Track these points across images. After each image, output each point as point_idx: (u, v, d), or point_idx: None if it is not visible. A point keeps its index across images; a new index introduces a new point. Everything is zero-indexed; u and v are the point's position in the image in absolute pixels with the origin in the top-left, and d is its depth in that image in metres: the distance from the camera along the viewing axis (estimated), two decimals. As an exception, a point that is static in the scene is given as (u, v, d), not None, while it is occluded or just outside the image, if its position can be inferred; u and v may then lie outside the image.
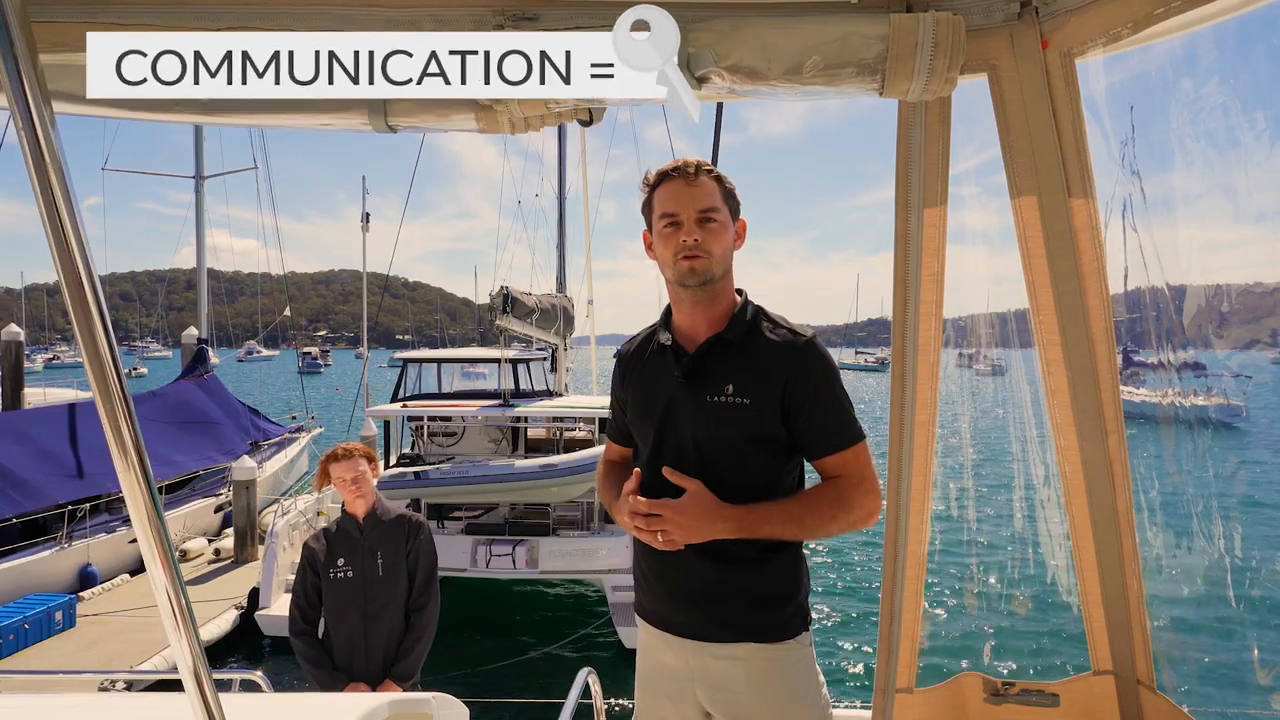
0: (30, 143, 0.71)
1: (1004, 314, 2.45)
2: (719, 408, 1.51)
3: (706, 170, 1.55)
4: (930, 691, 1.94)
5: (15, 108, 0.70)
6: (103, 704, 1.79)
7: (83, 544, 10.23)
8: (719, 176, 1.57)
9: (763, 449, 1.53)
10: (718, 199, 1.55)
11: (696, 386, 1.55)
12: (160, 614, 0.81)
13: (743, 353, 1.54)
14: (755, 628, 1.55)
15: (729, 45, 1.23)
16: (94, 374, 0.75)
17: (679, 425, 1.56)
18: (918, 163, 1.52)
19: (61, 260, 0.72)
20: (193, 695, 0.84)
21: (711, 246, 1.53)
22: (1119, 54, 1.32)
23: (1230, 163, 1.36)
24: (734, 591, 1.55)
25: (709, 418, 1.52)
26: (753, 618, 1.55)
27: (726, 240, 1.56)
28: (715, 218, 1.53)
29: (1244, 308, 2.06)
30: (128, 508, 0.79)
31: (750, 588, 1.55)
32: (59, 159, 0.72)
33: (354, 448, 2.96)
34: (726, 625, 1.56)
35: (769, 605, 1.56)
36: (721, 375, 1.53)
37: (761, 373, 1.51)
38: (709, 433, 1.53)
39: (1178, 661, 8.48)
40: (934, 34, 1.19)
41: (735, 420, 1.51)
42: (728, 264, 1.58)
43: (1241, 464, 20.80)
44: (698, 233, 1.52)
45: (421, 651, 2.92)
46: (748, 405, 1.50)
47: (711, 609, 1.57)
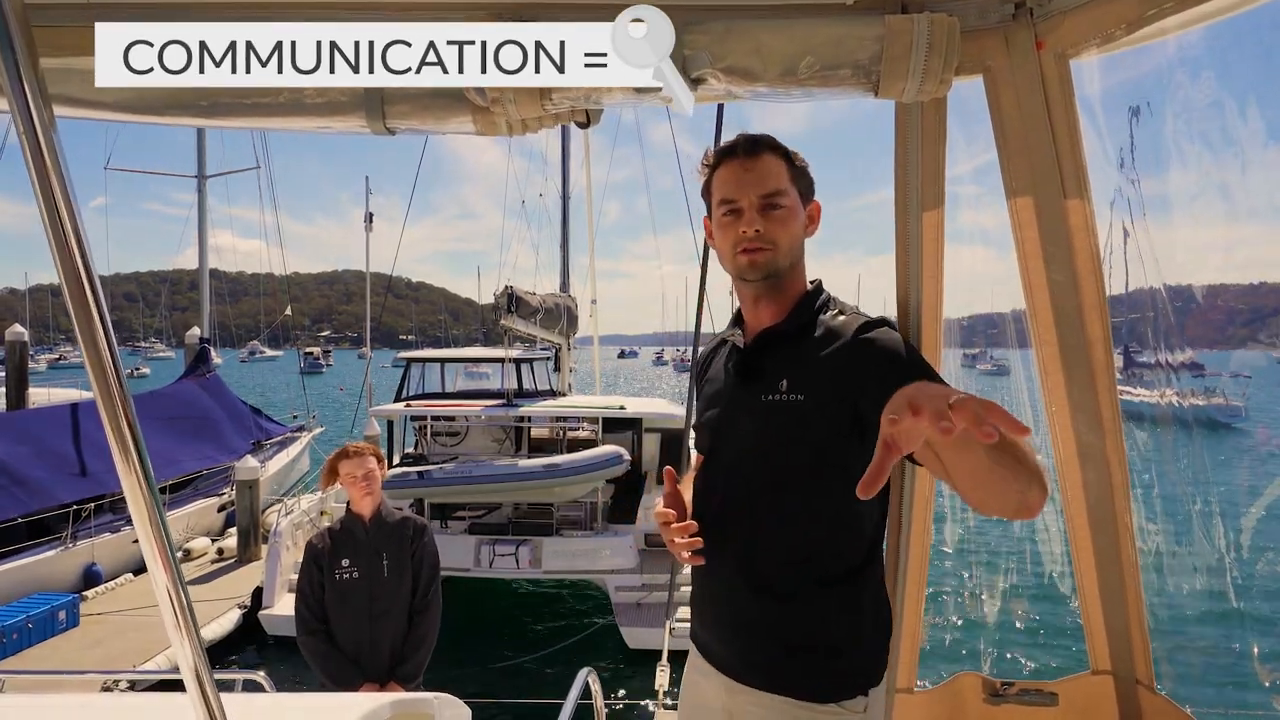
0: (31, 145, 0.72)
1: (1005, 314, 2.45)
2: (769, 407, 1.31)
3: (770, 146, 1.35)
4: (930, 692, 1.95)
5: (16, 110, 0.71)
6: (106, 704, 1.79)
7: (87, 543, 10.26)
8: (787, 153, 1.37)
9: (819, 468, 1.28)
10: (784, 179, 1.35)
11: (752, 385, 1.36)
12: (161, 614, 0.82)
13: (798, 345, 1.33)
14: (786, 679, 1.30)
15: (724, 47, 1.24)
16: (95, 375, 0.76)
17: (735, 428, 1.39)
18: (915, 164, 1.52)
19: (62, 262, 0.73)
20: (194, 695, 0.85)
21: (777, 236, 1.33)
22: (1114, 55, 1.32)
23: (1224, 162, 1.36)
24: (766, 630, 1.32)
25: (760, 419, 1.32)
26: (784, 666, 1.31)
27: (795, 227, 1.36)
28: (781, 202, 1.34)
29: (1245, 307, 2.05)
30: (129, 508, 0.79)
31: (787, 629, 1.31)
32: (60, 161, 0.73)
33: (363, 447, 2.98)
34: (757, 669, 1.34)
35: (809, 654, 1.30)
36: (774, 371, 1.33)
37: (818, 364, 1.29)
38: (759, 438, 1.33)
39: (1177, 661, 8.47)
40: (929, 35, 1.20)
41: (788, 421, 1.29)
42: (796, 254, 1.38)
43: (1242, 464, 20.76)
44: (760, 222, 1.33)
45: (425, 654, 2.93)
46: (802, 402, 1.28)
47: (745, 646, 1.36)
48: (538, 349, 14.56)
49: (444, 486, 10.35)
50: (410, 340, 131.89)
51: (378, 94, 1.33)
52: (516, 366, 12.94)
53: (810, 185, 1.41)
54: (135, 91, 1.34)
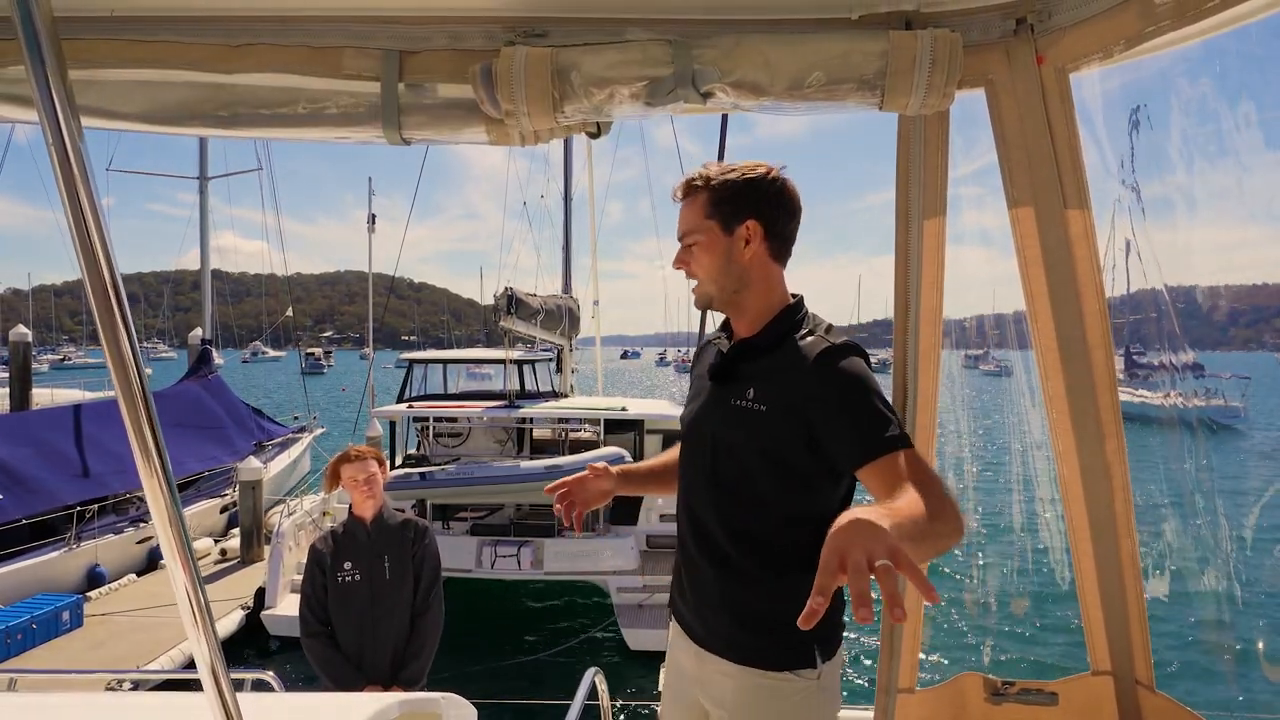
0: (59, 155, 0.73)
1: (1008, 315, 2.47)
2: (736, 411, 1.44)
3: (694, 186, 1.48)
4: (931, 691, 1.97)
5: (46, 122, 0.73)
6: (110, 703, 1.81)
7: (91, 544, 10.27)
8: (710, 185, 1.46)
9: (775, 470, 1.41)
10: (698, 217, 1.47)
11: (723, 388, 1.49)
12: (180, 612, 0.84)
13: (768, 359, 1.45)
14: (740, 648, 1.47)
15: (732, 61, 1.27)
16: (117, 375, 0.77)
17: (704, 425, 1.53)
18: (917, 174, 1.55)
19: (88, 268, 0.75)
20: (210, 693, 0.86)
21: (695, 270, 1.49)
22: (1115, 67, 1.35)
23: (1221, 171, 1.39)
24: (725, 604, 1.49)
25: (727, 420, 1.46)
26: (738, 638, 1.48)
27: (709, 259, 1.47)
28: (691, 240, 1.48)
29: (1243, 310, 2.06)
30: (149, 506, 0.81)
31: (739, 605, 1.47)
32: (87, 171, 0.75)
33: (365, 450, 3.00)
34: (718, 639, 1.51)
35: (764, 628, 1.45)
36: (745, 379, 1.46)
37: (780, 379, 1.41)
38: (724, 436, 1.47)
39: (1177, 662, 8.48)
40: (932, 50, 1.23)
41: (749, 426, 1.42)
42: (731, 278, 1.48)
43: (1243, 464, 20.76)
44: (681, 259, 1.50)
45: (427, 657, 2.95)
46: (763, 412, 1.40)
47: (709, 617, 1.53)
48: (539, 350, 14.58)
49: (446, 487, 10.36)
50: (412, 341, 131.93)
51: (395, 105, 1.36)
52: (518, 368, 12.96)
53: (740, 205, 1.45)
54: (157, 103, 1.37)
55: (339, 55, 1.36)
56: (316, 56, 1.37)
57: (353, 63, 1.36)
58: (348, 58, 1.36)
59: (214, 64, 1.35)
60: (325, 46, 1.37)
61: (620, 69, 1.29)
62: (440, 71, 1.37)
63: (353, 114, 1.39)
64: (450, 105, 1.39)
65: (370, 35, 1.38)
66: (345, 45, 1.37)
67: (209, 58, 1.35)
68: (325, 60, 1.37)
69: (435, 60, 1.38)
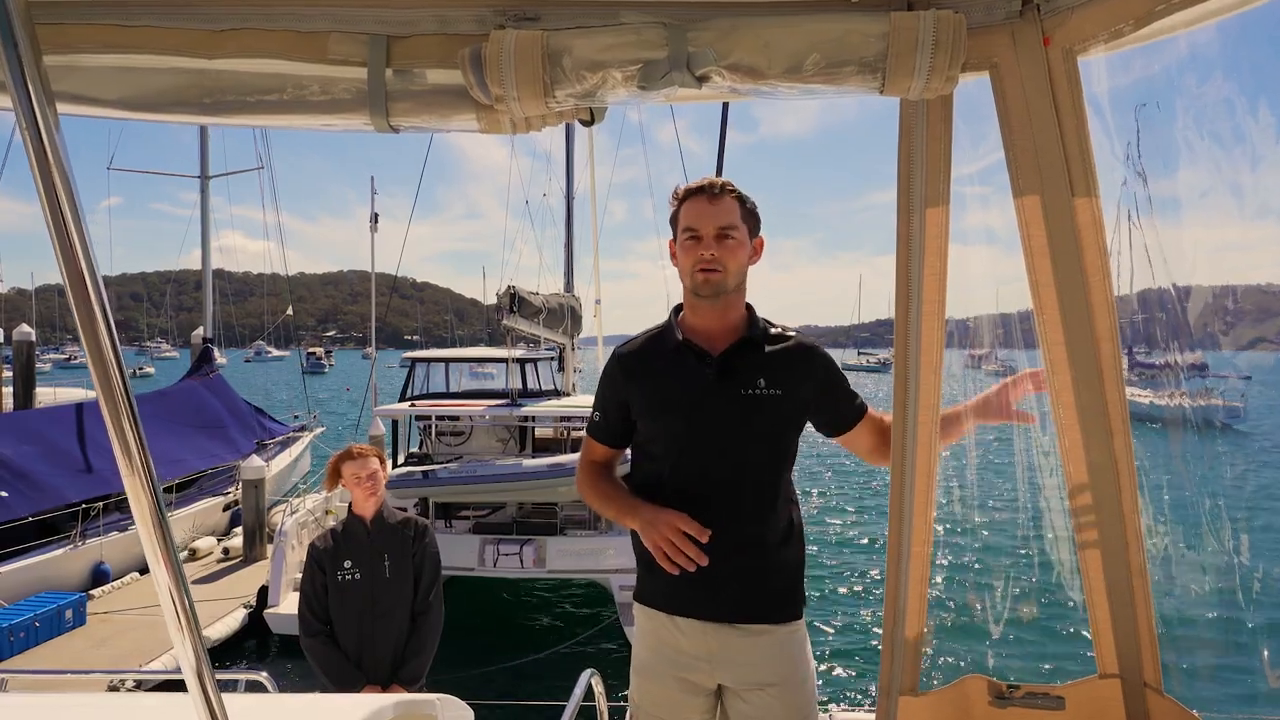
0: (34, 144, 0.71)
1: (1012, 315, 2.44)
2: (753, 400, 1.70)
3: (730, 190, 1.70)
4: (934, 694, 1.93)
5: (20, 108, 0.70)
6: (111, 703, 1.80)
7: (95, 542, 10.30)
8: (741, 196, 1.72)
9: (790, 430, 1.77)
10: (737, 217, 1.70)
11: (728, 383, 1.71)
12: (164, 614, 0.82)
13: (765, 352, 1.75)
14: (776, 609, 1.75)
15: (728, 44, 1.23)
16: (97, 374, 0.75)
17: (713, 418, 1.71)
18: (920, 161, 1.51)
19: (65, 261, 0.73)
20: (195, 696, 0.84)
21: (727, 261, 1.68)
22: (1123, 51, 1.31)
23: (1236, 160, 1.35)
24: (763, 575, 1.73)
25: (744, 409, 1.70)
26: (775, 601, 1.75)
27: (742, 256, 1.72)
28: (733, 235, 1.68)
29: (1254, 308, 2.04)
30: (131, 507, 0.79)
31: (773, 572, 1.74)
32: (63, 160, 0.73)
33: (366, 449, 3.00)
34: (745, 608, 1.73)
35: (785, 590, 1.77)
36: (751, 371, 1.72)
37: (788, 369, 1.74)
38: (745, 421, 1.70)
39: (1186, 665, 8.42)
40: (934, 32, 1.19)
41: (770, 409, 1.71)
42: (741, 278, 1.74)
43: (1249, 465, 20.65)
44: (715, 248, 1.67)
45: (427, 656, 2.93)
46: (780, 395, 1.71)
47: (741, 592, 1.72)
48: (542, 349, 14.57)
49: (448, 486, 10.35)
50: (415, 340, 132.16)
51: (381, 91, 1.32)
52: (521, 366, 12.95)
53: (757, 224, 1.77)
54: (138, 89, 1.34)
55: (324, 40, 1.33)
56: (301, 41, 1.33)
57: (338, 48, 1.32)
58: (333, 43, 1.32)
59: (196, 49, 1.31)
60: (310, 31, 1.33)
61: (613, 52, 1.25)
62: (429, 56, 1.33)
63: (339, 100, 1.35)
64: (439, 91, 1.35)
65: (356, 20, 1.34)
66: (331, 30, 1.33)
67: (191, 43, 1.32)
68: (310, 45, 1.33)
69: (423, 45, 1.34)
